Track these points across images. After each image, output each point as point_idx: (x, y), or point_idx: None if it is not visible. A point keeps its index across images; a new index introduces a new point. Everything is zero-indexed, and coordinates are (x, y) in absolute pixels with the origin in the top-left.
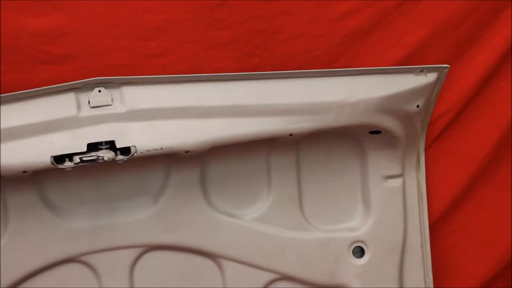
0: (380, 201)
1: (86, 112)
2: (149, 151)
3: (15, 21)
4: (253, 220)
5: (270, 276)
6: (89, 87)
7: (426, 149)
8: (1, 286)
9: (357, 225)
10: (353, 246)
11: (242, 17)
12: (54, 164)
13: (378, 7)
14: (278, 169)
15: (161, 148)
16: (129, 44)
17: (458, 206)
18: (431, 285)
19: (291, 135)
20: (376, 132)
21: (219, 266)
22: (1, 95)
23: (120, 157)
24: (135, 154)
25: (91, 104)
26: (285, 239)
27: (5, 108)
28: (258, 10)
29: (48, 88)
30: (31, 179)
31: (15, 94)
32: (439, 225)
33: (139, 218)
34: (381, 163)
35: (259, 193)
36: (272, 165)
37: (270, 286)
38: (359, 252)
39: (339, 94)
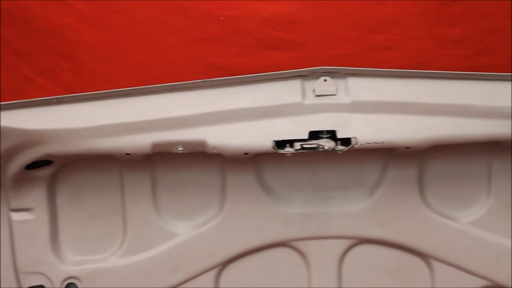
0: None
1: (310, 100)
2: (370, 143)
3: (247, 6)
4: (468, 224)
5: (481, 283)
6: (315, 75)
7: None
8: (213, 264)
9: None
10: None
11: (475, 15)
12: (275, 149)
13: None
14: (500, 174)
15: (382, 142)
16: (358, 35)
17: None
18: None
19: None
20: None
21: (429, 266)
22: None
23: (340, 147)
24: (355, 145)
25: (316, 93)
26: (501, 246)
27: (233, 90)
28: (492, 9)
29: (275, 74)
30: (251, 161)
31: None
32: None
33: (352, 210)
34: None
35: (477, 196)
36: (494, 169)
37: None
38: None
39: None
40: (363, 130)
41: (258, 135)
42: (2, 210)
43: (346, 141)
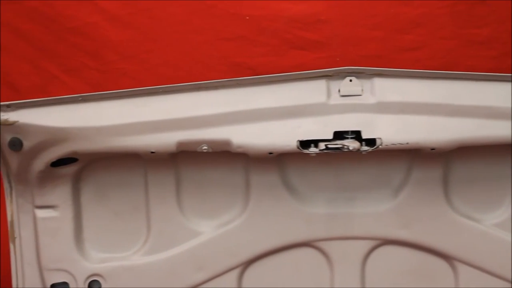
0: None
1: (335, 100)
2: (395, 144)
3: (273, 5)
4: (493, 226)
5: (505, 285)
6: (341, 75)
7: None
8: (236, 263)
9: None
10: None
11: (503, 15)
12: (299, 149)
13: None
14: None
15: (407, 143)
16: (384, 35)
17: None
18: None
19: None
20: None
21: (453, 268)
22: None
23: (364, 148)
24: (380, 146)
25: (341, 93)
26: None
27: (258, 89)
28: None
29: (301, 74)
30: (275, 160)
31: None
32: None
33: (376, 210)
34: None
35: (503, 199)
36: None
37: None
38: None
39: None
40: (388, 130)
41: (283, 135)
42: (27, 207)
43: (371, 142)
